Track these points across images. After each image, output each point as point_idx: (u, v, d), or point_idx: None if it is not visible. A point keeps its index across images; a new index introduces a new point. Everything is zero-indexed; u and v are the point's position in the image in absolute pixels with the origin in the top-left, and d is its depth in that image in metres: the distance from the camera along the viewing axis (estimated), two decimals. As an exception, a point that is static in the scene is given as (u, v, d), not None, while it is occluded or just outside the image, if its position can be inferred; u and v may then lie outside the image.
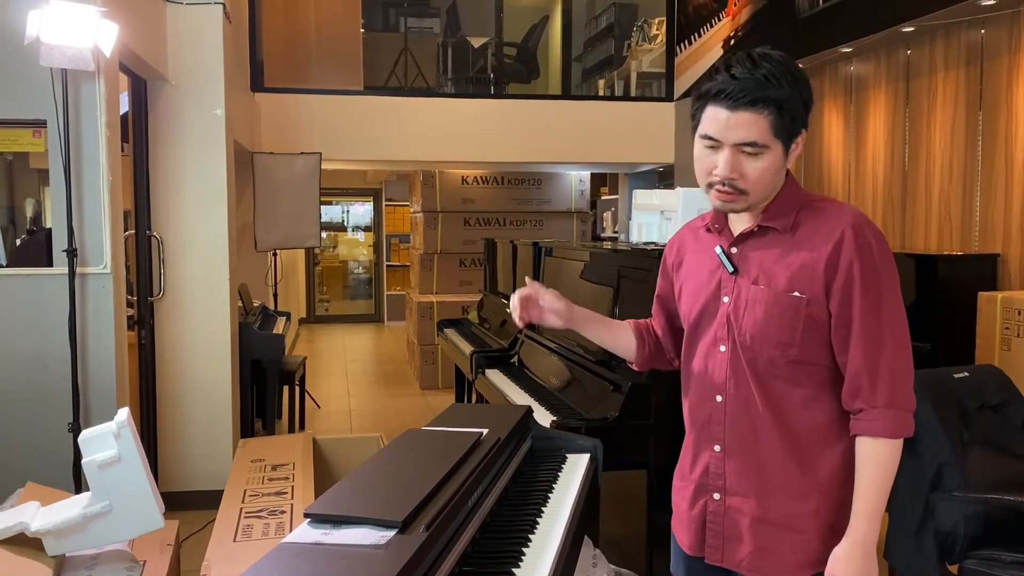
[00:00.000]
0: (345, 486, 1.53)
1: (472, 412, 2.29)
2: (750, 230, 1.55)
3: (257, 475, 3.21)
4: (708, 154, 1.49)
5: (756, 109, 1.43)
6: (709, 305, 1.59)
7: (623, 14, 8.47)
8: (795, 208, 1.53)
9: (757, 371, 1.53)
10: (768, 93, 1.43)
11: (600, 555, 1.96)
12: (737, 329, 1.54)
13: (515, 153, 6.81)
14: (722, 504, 1.58)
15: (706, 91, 1.49)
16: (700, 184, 1.55)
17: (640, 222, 3.44)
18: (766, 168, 1.47)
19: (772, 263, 1.52)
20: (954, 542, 2.36)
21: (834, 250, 1.47)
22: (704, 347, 1.60)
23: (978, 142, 3.99)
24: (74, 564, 2.21)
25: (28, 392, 3.31)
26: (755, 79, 1.43)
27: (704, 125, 1.49)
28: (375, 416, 6.54)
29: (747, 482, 1.55)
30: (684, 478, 1.67)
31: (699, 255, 1.65)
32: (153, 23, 4.10)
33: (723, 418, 1.57)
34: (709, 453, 1.60)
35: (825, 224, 1.50)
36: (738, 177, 1.47)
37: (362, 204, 13.06)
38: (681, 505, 1.68)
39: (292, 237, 5.98)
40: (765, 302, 1.50)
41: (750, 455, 1.55)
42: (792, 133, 1.48)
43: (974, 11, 3.86)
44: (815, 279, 1.48)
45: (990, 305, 3.28)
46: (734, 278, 1.55)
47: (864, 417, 1.47)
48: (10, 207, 3.92)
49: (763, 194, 1.51)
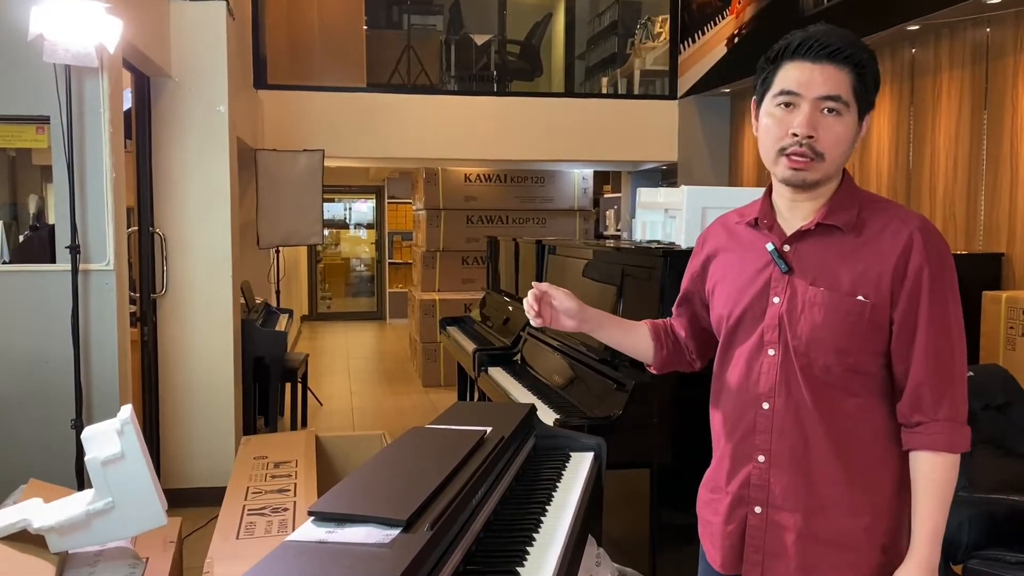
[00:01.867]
0: (349, 484, 1.53)
1: (475, 410, 2.28)
2: (808, 227, 1.46)
3: (260, 472, 3.21)
4: (782, 116, 1.41)
5: (839, 63, 1.38)
6: (754, 306, 1.49)
7: (627, 11, 8.47)
8: (856, 205, 1.45)
9: (811, 378, 1.43)
10: (850, 48, 1.39)
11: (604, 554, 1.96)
12: (791, 332, 1.44)
13: (518, 151, 6.81)
14: (764, 518, 1.49)
15: (783, 47, 1.43)
16: (767, 155, 1.46)
17: (643, 220, 3.43)
18: (843, 133, 1.40)
19: (833, 263, 1.43)
20: (958, 542, 2.36)
21: (903, 254, 1.40)
22: (747, 351, 1.50)
23: (983, 141, 3.98)
24: (77, 561, 2.21)
25: (31, 389, 3.31)
26: (836, 34, 1.40)
27: (781, 82, 1.42)
28: (377, 414, 6.54)
29: (795, 496, 1.46)
30: (718, 491, 1.57)
31: (739, 252, 1.55)
32: (157, 20, 4.10)
33: (770, 427, 1.47)
34: (751, 464, 1.50)
35: (890, 225, 1.42)
36: (816, 138, 1.38)
37: (365, 201, 13.06)
38: (713, 519, 1.58)
39: (295, 234, 5.98)
40: (825, 305, 1.41)
41: (799, 467, 1.45)
42: (867, 103, 1.42)
43: (979, 10, 3.85)
44: (881, 283, 1.40)
45: (995, 305, 3.27)
46: (787, 278, 1.46)
47: (924, 431, 1.40)
48: (13, 203, 3.92)
49: (835, 166, 1.42)
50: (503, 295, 5.26)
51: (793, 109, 1.40)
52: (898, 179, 4.58)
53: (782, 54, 1.42)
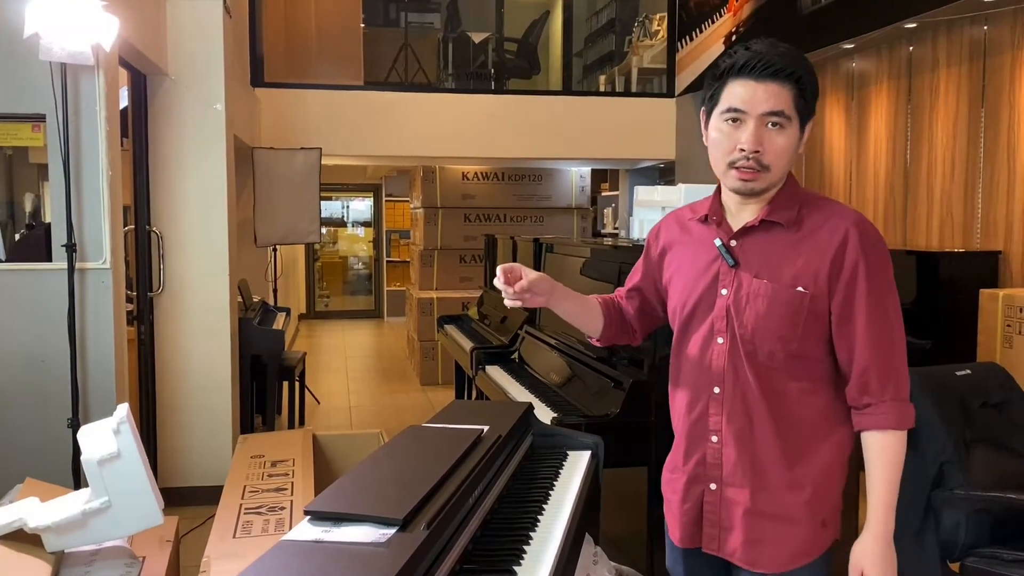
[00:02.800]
0: (345, 483, 1.53)
1: (473, 409, 2.28)
2: (752, 224, 1.56)
3: (257, 471, 3.20)
4: (730, 132, 1.51)
5: (781, 80, 1.47)
6: (705, 297, 1.59)
7: (624, 10, 8.47)
8: (797, 204, 1.55)
9: (756, 364, 1.54)
10: (791, 66, 1.47)
11: (601, 552, 1.96)
12: (738, 322, 1.54)
13: (516, 149, 6.80)
14: (718, 495, 1.60)
15: (728, 66, 1.51)
16: (717, 167, 1.56)
17: (641, 218, 3.43)
18: (787, 145, 1.49)
19: (775, 257, 1.53)
20: (956, 540, 2.36)
21: (839, 248, 1.49)
22: (700, 339, 1.61)
23: (980, 139, 3.98)
24: (73, 560, 2.21)
25: (27, 388, 3.31)
26: (777, 52, 1.48)
27: (727, 99, 1.50)
28: (375, 412, 6.54)
29: (742, 473, 1.57)
30: (676, 470, 1.68)
31: (691, 246, 1.66)
32: (153, 17, 4.09)
33: (721, 409, 1.58)
34: (706, 444, 1.61)
35: (828, 221, 1.52)
36: (762, 151, 1.48)
37: (362, 200, 13.05)
38: (672, 497, 1.69)
39: (292, 233, 5.97)
40: (767, 296, 1.51)
41: (745, 446, 1.56)
42: (807, 114, 1.51)
43: (977, 7, 3.85)
44: (819, 275, 1.50)
45: (992, 302, 3.28)
46: (734, 271, 1.56)
47: (873, 411, 1.50)
48: (9, 202, 3.91)
49: (780, 174, 1.52)
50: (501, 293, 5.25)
51: (740, 125, 1.49)
52: (895, 177, 4.58)
53: (728, 72, 1.50)
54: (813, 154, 5.34)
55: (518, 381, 3.62)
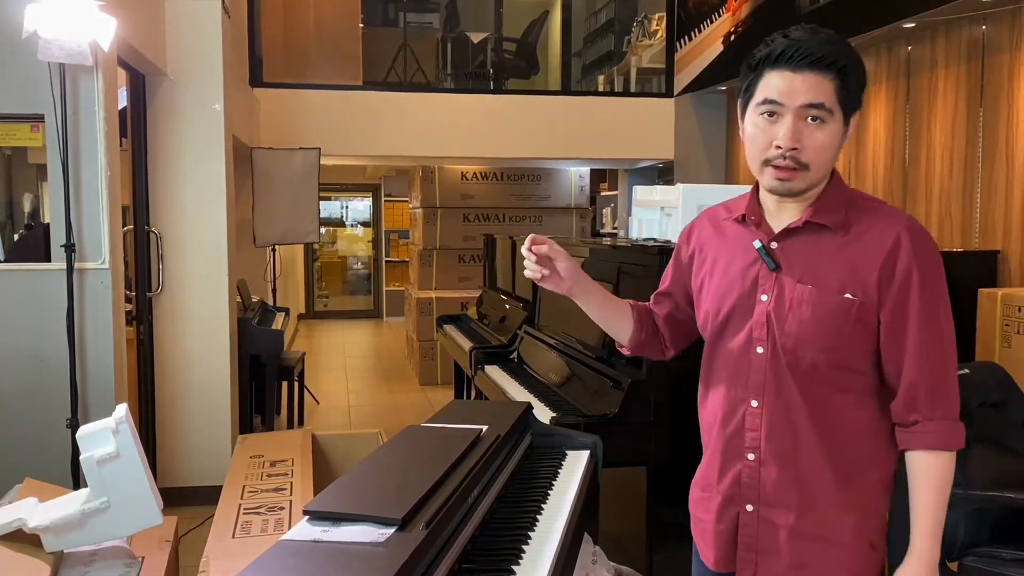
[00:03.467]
0: (344, 483, 1.53)
1: (471, 408, 2.28)
2: (796, 225, 1.44)
3: (256, 471, 3.20)
4: (766, 126, 1.40)
5: (821, 70, 1.36)
6: (742, 303, 1.48)
7: (623, 9, 8.46)
8: (843, 205, 1.44)
9: (799, 375, 1.43)
10: (832, 55, 1.36)
11: (600, 552, 1.96)
12: (779, 330, 1.43)
13: (515, 149, 6.80)
14: (755, 516, 1.48)
15: (764, 55, 1.40)
16: (753, 164, 1.45)
17: (640, 218, 3.44)
18: (828, 141, 1.38)
19: (821, 262, 1.42)
20: (954, 539, 2.36)
21: (890, 254, 1.39)
22: (736, 348, 1.49)
23: (979, 139, 3.98)
24: (72, 560, 2.21)
25: (26, 388, 3.30)
26: (818, 40, 1.37)
27: (763, 91, 1.39)
28: (374, 412, 6.54)
29: (786, 493, 1.45)
30: (709, 488, 1.55)
31: (726, 248, 1.53)
32: (152, 17, 4.09)
33: (759, 424, 1.46)
34: (741, 462, 1.48)
35: (877, 224, 1.42)
36: (800, 148, 1.37)
37: (361, 200, 13.05)
38: (705, 517, 1.56)
39: (291, 233, 5.97)
40: (812, 303, 1.40)
41: (789, 465, 1.44)
42: (851, 107, 1.40)
43: (975, 7, 3.85)
44: (868, 282, 1.39)
45: (990, 302, 3.28)
46: (775, 275, 1.45)
47: (920, 430, 1.40)
48: (8, 202, 3.91)
49: (821, 173, 1.41)
50: (500, 293, 5.26)
51: (776, 119, 1.38)
52: (894, 176, 4.58)
53: (764, 61, 1.40)
54: (812, 154, 5.34)
55: (517, 381, 3.63)
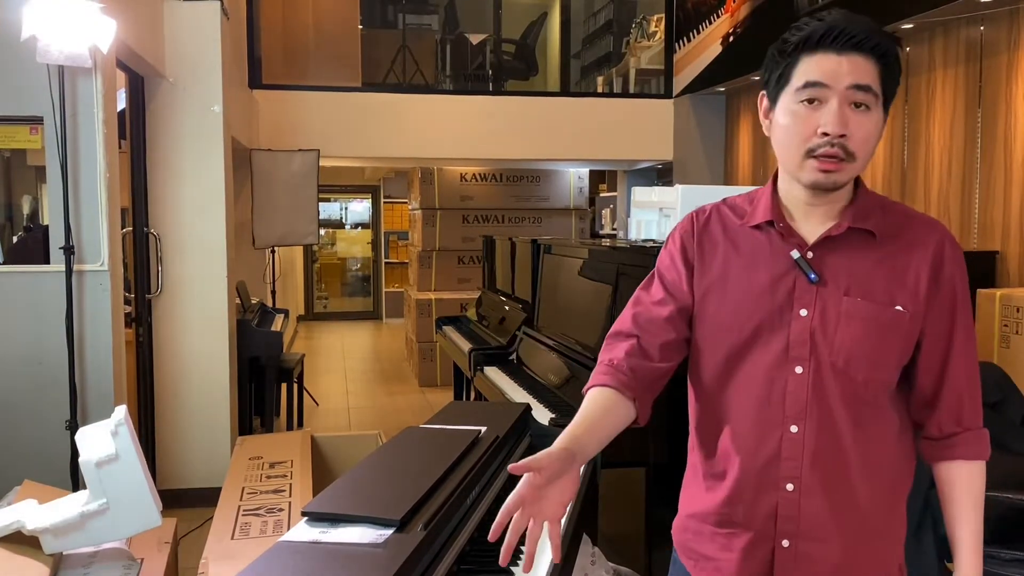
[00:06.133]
0: (343, 484, 1.53)
1: (470, 410, 2.28)
2: (838, 232, 1.31)
3: (255, 473, 3.20)
4: (807, 114, 1.26)
5: (865, 53, 1.24)
6: (772, 319, 1.32)
7: (622, 11, 8.47)
8: (879, 209, 1.34)
9: (849, 396, 1.30)
10: (876, 37, 1.25)
11: (599, 553, 1.96)
12: (827, 348, 1.29)
13: (514, 150, 6.80)
14: (792, 552, 1.33)
15: (802, 39, 1.26)
16: (790, 158, 1.30)
17: (639, 219, 3.44)
18: (873, 130, 1.26)
19: (864, 272, 1.31)
20: (953, 540, 2.36)
21: (935, 262, 1.31)
22: (765, 369, 1.33)
23: (977, 140, 3.98)
24: (71, 562, 2.21)
25: (25, 390, 3.30)
26: (859, 22, 1.25)
27: (803, 74, 1.26)
28: (373, 413, 6.54)
29: (828, 525, 1.32)
30: (730, 525, 1.37)
31: (742, 256, 1.37)
32: (151, 20, 4.09)
33: (800, 452, 1.31)
34: (777, 494, 1.33)
35: (914, 230, 1.33)
36: (848, 136, 1.24)
37: (360, 201, 13.05)
38: (723, 556, 1.38)
39: (290, 234, 5.97)
40: (864, 318, 1.29)
41: (836, 493, 1.32)
42: (889, 97, 1.29)
43: (973, 8, 3.85)
44: (917, 292, 1.30)
45: (989, 302, 3.28)
46: (815, 288, 1.30)
47: (963, 441, 1.34)
48: (7, 204, 3.91)
49: (862, 167, 1.29)
50: (499, 294, 5.26)
51: (819, 105, 1.25)
52: (892, 177, 4.59)
53: (801, 46, 1.27)
54: (810, 155, 5.35)
55: (516, 382, 3.63)
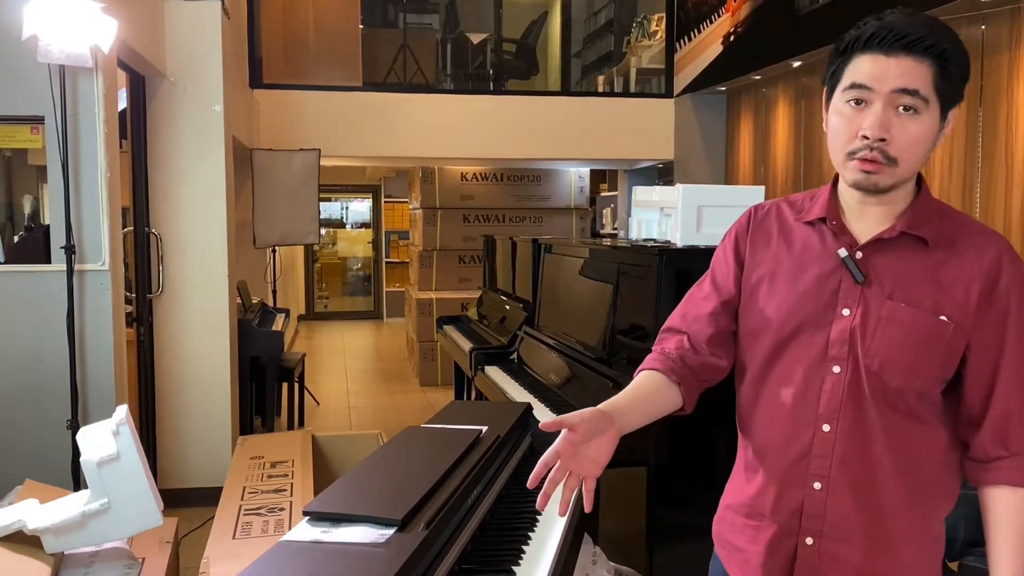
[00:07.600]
0: (344, 484, 1.53)
1: (471, 409, 2.28)
2: (889, 235, 1.30)
3: (256, 472, 3.20)
4: (852, 115, 1.26)
5: (917, 55, 1.23)
6: (815, 317, 1.32)
7: (623, 10, 8.47)
8: (937, 216, 1.31)
9: (880, 400, 1.30)
10: (931, 37, 1.23)
11: (600, 552, 1.96)
12: (864, 350, 1.29)
13: (514, 150, 6.80)
14: (815, 550, 1.34)
15: (854, 38, 1.28)
16: (836, 157, 1.30)
17: (640, 219, 3.43)
18: (921, 135, 1.24)
19: (912, 277, 1.29)
20: (955, 539, 2.36)
21: (990, 275, 1.28)
22: (804, 366, 1.33)
23: (978, 139, 3.98)
24: (73, 562, 2.21)
25: (26, 389, 3.31)
26: (914, 22, 1.25)
27: (851, 75, 1.27)
28: (374, 413, 6.54)
29: (854, 526, 1.33)
30: (759, 517, 1.40)
31: (792, 252, 1.38)
32: (152, 19, 4.09)
33: (830, 451, 1.32)
34: (804, 491, 1.34)
35: (972, 240, 1.30)
36: (890, 140, 1.23)
37: (361, 201, 13.06)
38: (750, 548, 1.41)
39: (291, 234, 5.97)
40: (904, 323, 1.28)
41: (863, 495, 1.32)
42: (951, 99, 1.26)
43: (974, 7, 3.85)
44: (967, 304, 1.28)
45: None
46: (860, 288, 1.30)
47: (1010, 465, 1.29)
48: (8, 204, 3.91)
49: (910, 171, 1.28)
50: (500, 294, 5.26)
51: (864, 107, 1.25)
52: (894, 177, 4.59)
53: (853, 45, 1.28)
54: (811, 154, 5.34)
55: (517, 381, 3.63)
